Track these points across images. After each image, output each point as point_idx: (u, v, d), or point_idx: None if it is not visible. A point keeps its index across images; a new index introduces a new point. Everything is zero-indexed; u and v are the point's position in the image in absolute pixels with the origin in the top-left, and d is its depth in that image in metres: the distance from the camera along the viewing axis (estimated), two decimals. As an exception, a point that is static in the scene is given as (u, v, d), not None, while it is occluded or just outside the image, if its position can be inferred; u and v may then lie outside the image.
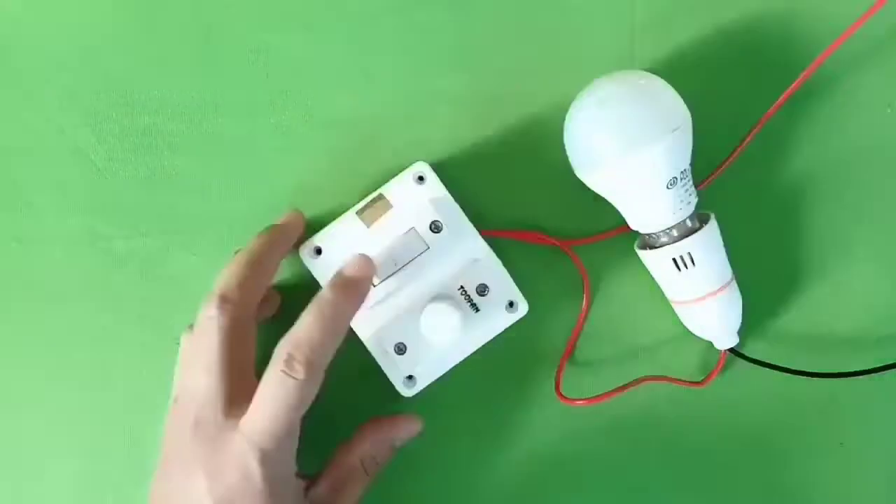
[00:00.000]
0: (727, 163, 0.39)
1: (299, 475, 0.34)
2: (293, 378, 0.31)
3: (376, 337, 0.37)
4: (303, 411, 0.32)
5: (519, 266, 0.38)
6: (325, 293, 0.33)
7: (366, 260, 0.34)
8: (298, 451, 0.33)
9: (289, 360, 0.31)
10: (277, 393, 0.31)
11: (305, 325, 0.32)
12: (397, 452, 0.38)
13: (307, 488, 0.35)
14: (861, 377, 0.39)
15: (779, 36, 0.39)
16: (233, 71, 0.39)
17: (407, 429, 0.37)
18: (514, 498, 0.40)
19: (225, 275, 0.34)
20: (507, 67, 0.39)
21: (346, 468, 0.36)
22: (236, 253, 0.36)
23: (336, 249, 0.37)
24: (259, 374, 0.32)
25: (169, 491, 0.33)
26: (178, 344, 0.36)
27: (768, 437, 0.41)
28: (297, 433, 0.33)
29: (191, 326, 0.35)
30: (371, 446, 0.36)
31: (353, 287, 0.33)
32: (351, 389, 0.37)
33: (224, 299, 0.33)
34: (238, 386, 0.32)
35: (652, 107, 0.34)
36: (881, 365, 0.39)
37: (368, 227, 0.36)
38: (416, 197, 0.36)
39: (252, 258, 0.35)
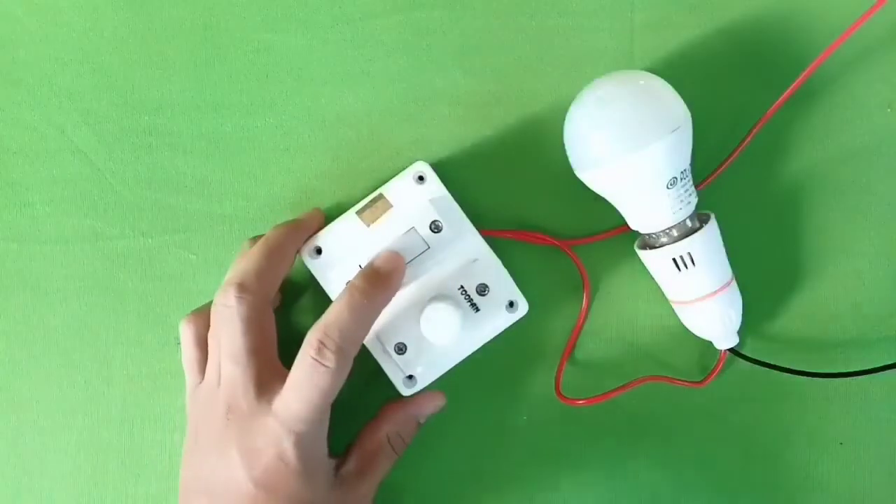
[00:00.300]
0: (727, 163, 0.39)
1: (329, 455, 0.35)
2: (324, 365, 0.31)
3: (376, 336, 0.37)
4: (334, 395, 0.33)
5: (519, 266, 0.38)
6: (355, 283, 0.34)
7: (397, 255, 0.35)
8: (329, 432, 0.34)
9: (319, 348, 0.32)
10: (309, 379, 0.32)
11: (335, 314, 0.33)
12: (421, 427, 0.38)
13: (337, 467, 0.35)
14: (861, 377, 0.39)
15: (779, 36, 0.39)
16: (233, 71, 0.39)
17: (430, 405, 0.38)
18: (514, 497, 0.40)
19: (241, 263, 0.35)
20: (507, 67, 0.39)
21: (374, 446, 0.36)
22: (250, 241, 0.37)
23: (336, 249, 0.37)
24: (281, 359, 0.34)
25: (204, 474, 0.34)
26: (178, 341, 0.36)
27: (768, 436, 0.41)
28: (328, 415, 0.33)
29: (191, 314, 0.36)
30: (396, 424, 0.37)
31: (384, 279, 0.34)
32: (351, 389, 0.37)
33: (242, 288, 0.33)
34: (265, 371, 0.33)
35: (652, 107, 0.34)
36: (881, 365, 0.39)
37: (368, 226, 0.36)
38: (417, 197, 0.36)
39: (269, 247, 0.35)
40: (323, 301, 0.37)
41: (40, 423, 0.40)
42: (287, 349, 0.34)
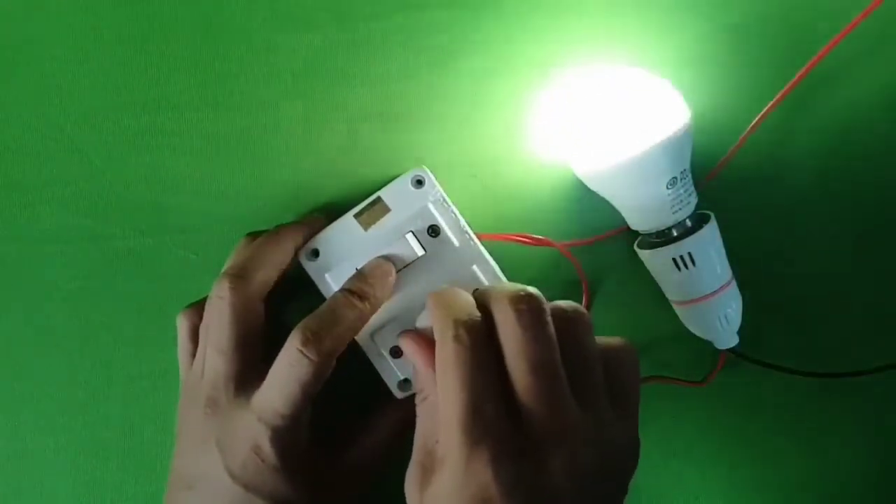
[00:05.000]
0: (726, 161, 0.39)
1: (316, 451, 0.35)
2: (307, 357, 0.31)
3: (372, 340, 0.37)
4: (314, 391, 0.32)
5: (517, 269, 0.38)
6: (346, 285, 0.34)
7: (386, 262, 0.35)
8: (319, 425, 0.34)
9: (305, 341, 0.32)
10: (291, 372, 0.32)
11: (324, 313, 0.33)
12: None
13: (328, 465, 0.35)
14: (861, 377, 0.39)
15: (778, 34, 0.39)
16: (233, 71, 0.39)
17: None
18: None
19: (239, 256, 0.35)
20: (506, 67, 0.39)
21: (369, 447, 0.36)
22: (248, 236, 0.37)
23: (333, 252, 0.37)
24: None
25: (187, 468, 0.34)
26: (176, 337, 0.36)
27: (768, 436, 0.41)
28: (308, 411, 0.33)
29: (188, 307, 0.36)
30: (391, 425, 0.37)
31: (372, 284, 0.34)
32: (346, 391, 0.37)
33: (236, 280, 0.34)
34: (248, 365, 0.33)
35: (652, 107, 0.34)
36: (881, 365, 0.39)
37: (366, 230, 0.36)
38: (415, 200, 0.36)
39: (268, 244, 0.35)
40: (318, 304, 0.37)
41: (40, 423, 0.40)
42: (277, 351, 0.34)
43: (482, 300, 0.31)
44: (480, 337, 0.29)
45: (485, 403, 0.28)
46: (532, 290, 0.30)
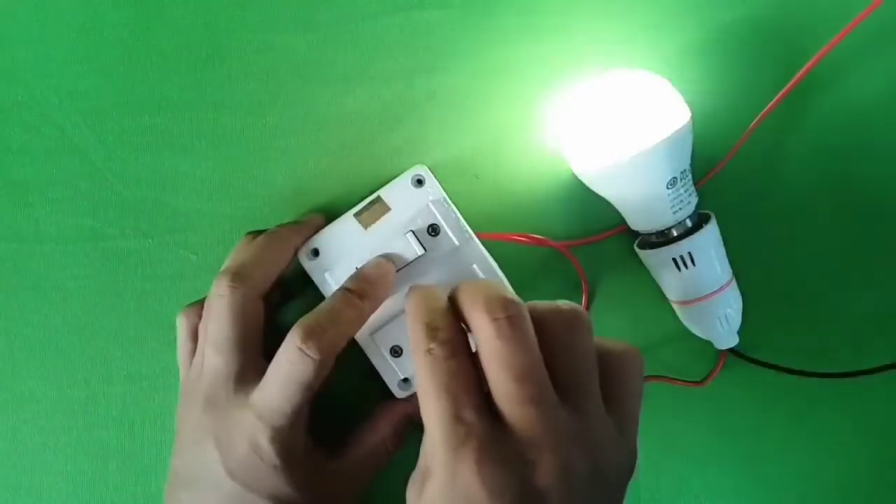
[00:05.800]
0: (725, 161, 0.39)
1: (314, 449, 0.34)
2: (308, 356, 0.31)
3: (372, 339, 0.37)
4: (313, 390, 0.32)
5: (517, 269, 0.38)
6: (346, 284, 0.34)
7: (386, 262, 0.35)
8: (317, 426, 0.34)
9: (305, 339, 0.31)
10: (290, 370, 0.31)
11: (323, 312, 0.33)
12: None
13: (326, 462, 0.35)
14: (861, 377, 0.39)
15: (778, 34, 0.39)
16: (233, 71, 0.39)
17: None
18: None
19: (239, 254, 0.35)
20: (506, 67, 0.39)
21: (368, 445, 0.36)
22: (249, 235, 0.37)
23: (333, 251, 0.37)
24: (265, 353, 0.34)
25: (186, 467, 0.34)
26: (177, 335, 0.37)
27: (768, 436, 0.41)
28: (306, 410, 0.33)
29: (188, 306, 0.36)
30: (391, 424, 0.37)
31: (372, 285, 0.34)
32: (346, 391, 0.37)
33: (236, 278, 0.34)
34: (246, 364, 0.33)
35: (652, 107, 0.34)
36: (881, 365, 0.39)
37: (366, 229, 0.36)
38: (415, 200, 0.36)
39: (268, 242, 0.35)
40: (318, 304, 0.37)
41: (40, 423, 0.40)
42: (276, 350, 0.34)
43: (458, 301, 0.30)
44: (455, 346, 0.28)
45: (463, 410, 0.27)
46: (509, 295, 0.29)
